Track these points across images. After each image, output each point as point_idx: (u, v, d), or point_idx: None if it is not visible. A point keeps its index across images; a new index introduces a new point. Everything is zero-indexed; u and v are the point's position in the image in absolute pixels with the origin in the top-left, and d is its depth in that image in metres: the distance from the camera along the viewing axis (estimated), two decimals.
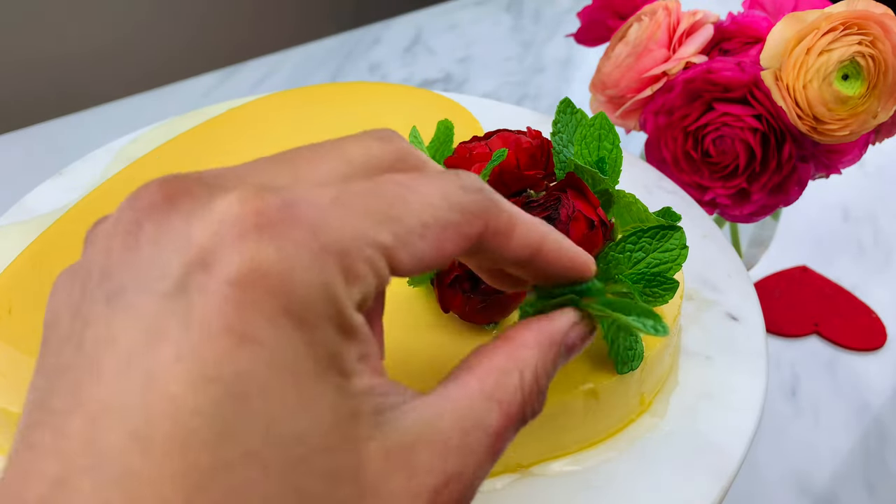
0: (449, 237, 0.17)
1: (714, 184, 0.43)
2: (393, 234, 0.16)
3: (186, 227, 0.15)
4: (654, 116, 0.43)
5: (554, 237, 0.20)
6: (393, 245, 0.16)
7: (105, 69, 1.12)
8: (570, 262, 0.20)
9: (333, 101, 0.45)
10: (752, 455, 0.45)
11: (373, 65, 0.85)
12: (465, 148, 0.33)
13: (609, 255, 0.28)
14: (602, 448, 0.28)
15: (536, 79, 0.84)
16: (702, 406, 0.29)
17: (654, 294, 0.28)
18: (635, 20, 0.46)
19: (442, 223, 0.17)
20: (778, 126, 0.41)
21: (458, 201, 0.17)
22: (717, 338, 0.32)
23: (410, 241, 0.16)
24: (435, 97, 0.45)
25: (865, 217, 0.65)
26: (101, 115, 0.74)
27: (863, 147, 0.42)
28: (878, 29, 0.37)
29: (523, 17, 0.97)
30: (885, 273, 0.59)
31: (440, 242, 0.17)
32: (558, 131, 0.32)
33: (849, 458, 0.46)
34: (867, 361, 0.51)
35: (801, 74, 0.38)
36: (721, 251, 0.37)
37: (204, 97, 0.78)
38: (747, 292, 0.35)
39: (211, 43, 1.22)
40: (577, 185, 0.29)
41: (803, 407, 0.49)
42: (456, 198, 0.17)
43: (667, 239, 0.28)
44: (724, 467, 0.27)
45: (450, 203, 0.17)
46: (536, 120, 0.46)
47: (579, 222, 0.28)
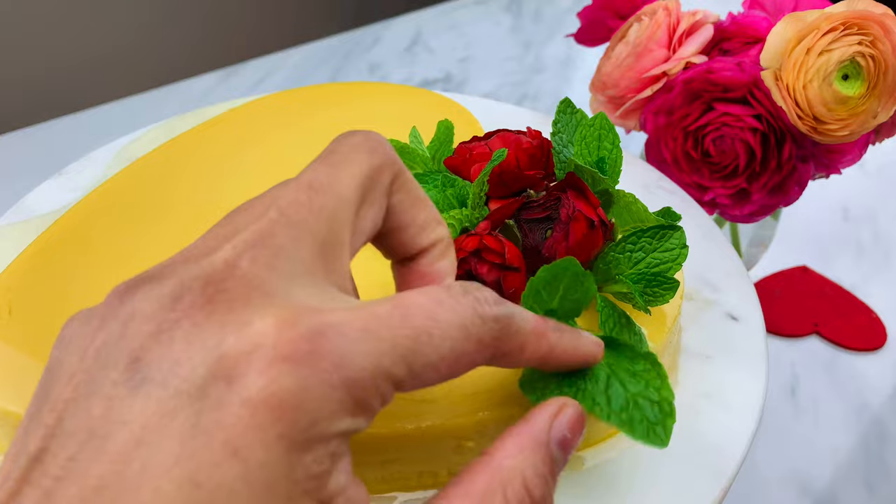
0: (460, 366, 0.18)
1: (714, 184, 0.43)
2: (408, 369, 0.17)
3: (220, 338, 0.15)
4: (654, 116, 0.43)
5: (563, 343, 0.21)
6: (406, 377, 0.17)
7: (105, 69, 1.12)
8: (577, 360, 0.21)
9: (333, 101, 0.45)
10: (752, 455, 0.45)
11: (373, 65, 0.85)
12: (465, 148, 0.33)
13: (609, 255, 0.28)
14: (602, 448, 0.28)
15: (536, 79, 0.84)
16: (702, 406, 0.29)
17: (655, 294, 0.28)
18: (635, 20, 0.46)
19: (457, 355, 0.17)
20: (778, 126, 0.41)
21: (476, 333, 0.18)
22: (717, 338, 0.32)
23: (423, 373, 0.17)
24: (435, 97, 0.45)
25: (865, 217, 0.65)
26: (101, 115, 0.74)
27: (863, 147, 0.42)
28: (878, 29, 0.37)
29: (523, 17, 0.97)
30: (885, 273, 0.59)
31: (451, 371, 0.18)
32: (558, 131, 0.32)
33: (849, 458, 0.46)
34: (867, 361, 0.51)
35: (801, 74, 0.38)
36: (721, 251, 0.37)
37: (204, 97, 0.78)
38: (747, 292, 0.35)
39: (211, 43, 1.22)
40: (577, 185, 0.29)
41: (803, 407, 0.49)
42: (474, 329, 0.18)
43: (667, 239, 0.28)
44: (724, 467, 0.27)
45: (467, 335, 0.18)
46: (536, 120, 0.46)
47: (579, 222, 0.28)
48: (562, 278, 0.23)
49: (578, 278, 0.23)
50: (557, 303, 0.23)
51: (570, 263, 0.23)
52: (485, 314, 0.18)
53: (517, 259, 0.28)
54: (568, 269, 0.23)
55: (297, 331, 0.16)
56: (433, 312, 0.17)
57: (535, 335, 0.20)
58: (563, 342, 0.21)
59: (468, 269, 0.27)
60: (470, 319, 0.18)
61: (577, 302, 0.23)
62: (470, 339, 0.18)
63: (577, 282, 0.23)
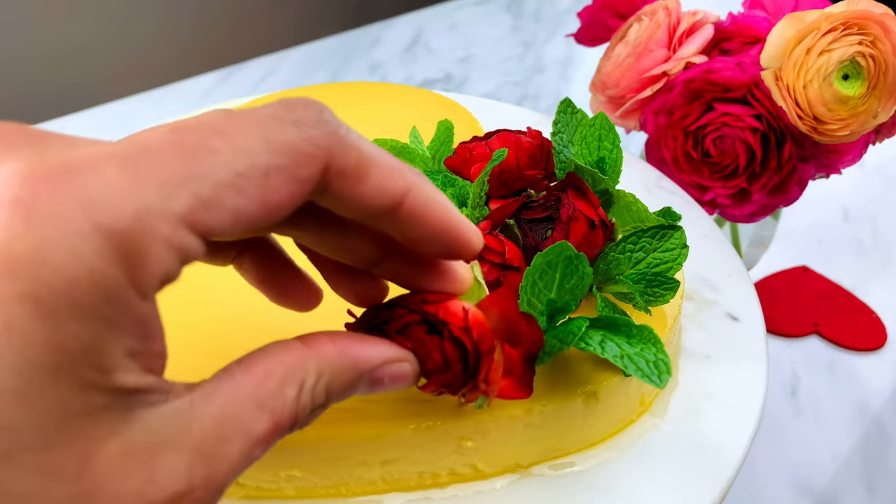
0: (276, 185, 0.15)
1: (714, 184, 0.43)
2: (193, 197, 0.14)
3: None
4: (654, 116, 0.43)
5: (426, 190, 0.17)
6: (193, 210, 0.14)
7: (105, 69, 1.12)
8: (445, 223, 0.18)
9: (333, 101, 0.45)
10: (752, 455, 0.45)
11: (373, 65, 0.85)
12: (465, 148, 0.33)
13: (609, 255, 0.28)
14: (602, 448, 0.28)
15: (536, 79, 0.84)
16: (702, 406, 0.29)
17: (655, 294, 0.28)
18: (635, 20, 0.46)
19: (262, 170, 0.15)
20: (778, 126, 0.41)
21: (286, 140, 0.15)
22: (717, 338, 0.32)
23: (222, 199, 0.14)
24: (435, 97, 0.45)
25: (865, 217, 0.65)
26: (102, 115, 0.74)
27: (863, 147, 0.42)
28: (879, 29, 0.37)
29: (523, 17, 0.97)
30: (885, 273, 0.59)
31: (264, 192, 0.15)
32: (558, 131, 0.32)
33: (849, 458, 0.46)
34: (867, 361, 0.51)
35: (802, 74, 0.38)
36: (721, 251, 0.37)
37: (204, 97, 0.78)
38: (747, 292, 0.35)
39: (211, 43, 1.22)
40: (577, 185, 0.29)
41: (803, 407, 0.49)
42: (283, 136, 0.15)
43: (667, 239, 0.28)
44: (724, 467, 0.27)
45: (274, 145, 0.15)
46: (536, 120, 0.46)
47: (580, 222, 0.28)
48: (556, 264, 0.23)
49: (573, 262, 0.23)
50: (555, 292, 0.23)
51: (563, 247, 0.23)
52: (298, 118, 0.15)
53: (517, 258, 0.28)
54: (562, 254, 0.23)
55: (40, 171, 0.13)
56: (221, 126, 0.15)
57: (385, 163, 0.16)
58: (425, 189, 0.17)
59: None
60: (277, 127, 0.15)
61: (575, 288, 0.23)
62: (279, 151, 0.15)
63: (572, 266, 0.23)
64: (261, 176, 0.15)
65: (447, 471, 0.26)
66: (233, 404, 0.16)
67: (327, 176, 0.16)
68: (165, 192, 0.14)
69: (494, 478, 0.26)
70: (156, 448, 0.14)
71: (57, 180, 0.13)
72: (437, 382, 0.20)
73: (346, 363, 0.18)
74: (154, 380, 0.15)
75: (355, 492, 0.25)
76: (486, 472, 0.26)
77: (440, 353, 0.19)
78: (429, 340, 0.19)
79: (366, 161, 0.16)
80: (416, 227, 0.17)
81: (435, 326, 0.19)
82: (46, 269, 0.13)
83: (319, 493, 0.25)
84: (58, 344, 0.13)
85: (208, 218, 0.14)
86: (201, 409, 0.15)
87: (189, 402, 0.15)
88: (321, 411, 0.17)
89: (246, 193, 0.14)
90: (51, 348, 0.13)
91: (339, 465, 0.25)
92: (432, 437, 0.25)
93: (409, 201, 0.17)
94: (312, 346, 0.17)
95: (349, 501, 0.25)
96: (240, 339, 0.27)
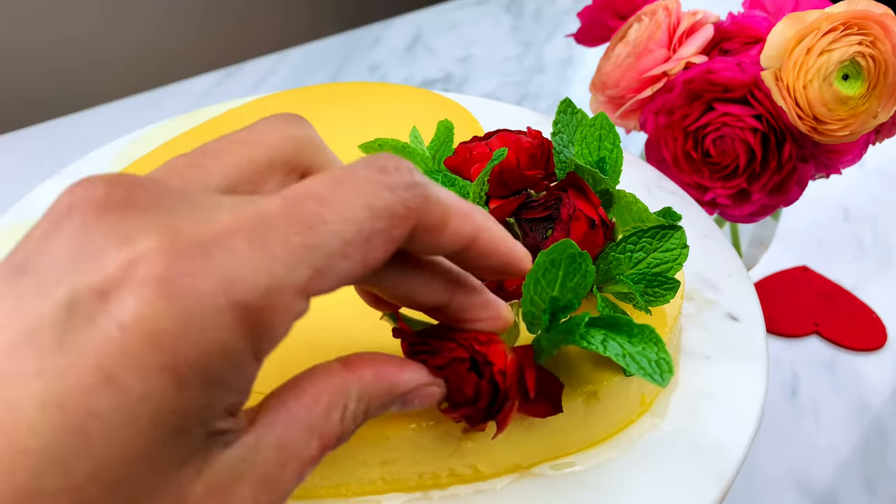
0: (375, 247, 0.16)
1: (714, 184, 0.43)
2: (311, 268, 0.15)
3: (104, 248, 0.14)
4: (654, 116, 0.43)
5: (490, 227, 0.19)
6: (311, 280, 0.15)
7: (105, 69, 1.12)
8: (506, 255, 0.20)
9: (333, 101, 0.45)
10: (752, 455, 0.45)
11: (373, 65, 0.85)
12: (465, 148, 0.33)
13: (610, 255, 0.28)
14: (602, 448, 0.28)
15: (536, 79, 0.84)
16: (702, 406, 0.29)
17: (655, 294, 0.28)
18: (635, 20, 0.46)
19: (365, 236, 0.16)
20: (778, 126, 0.41)
21: (384, 205, 0.16)
22: (717, 338, 0.32)
23: (332, 266, 0.15)
24: (435, 97, 0.45)
25: (865, 217, 0.65)
26: (101, 115, 0.74)
27: (863, 147, 0.42)
28: (879, 29, 0.37)
29: (523, 17, 0.97)
30: (885, 273, 0.59)
31: (365, 255, 0.16)
32: (559, 131, 0.32)
33: (849, 458, 0.46)
34: (867, 361, 0.51)
35: (802, 74, 0.38)
36: (721, 251, 0.37)
37: (204, 97, 0.78)
38: (747, 292, 0.35)
39: (211, 43, 1.22)
40: (577, 185, 0.29)
41: (803, 407, 0.49)
42: (382, 202, 0.16)
43: (667, 239, 0.28)
44: (724, 467, 0.27)
45: (374, 211, 0.16)
46: (536, 120, 0.46)
47: (580, 222, 0.28)
48: (560, 262, 0.23)
49: (576, 260, 0.23)
50: (558, 290, 0.23)
51: (566, 245, 0.23)
52: (394, 183, 0.16)
53: None
54: (565, 252, 0.23)
55: (180, 247, 0.14)
56: (326, 196, 0.16)
57: (460, 210, 0.18)
58: (490, 225, 0.19)
59: None
60: (376, 193, 0.16)
61: (578, 286, 0.23)
62: (379, 216, 0.16)
63: (575, 263, 0.23)
64: (364, 241, 0.16)
65: (447, 471, 0.26)
66: (289, 432, 0.17)
67: (415, 231, 0.17)
68: (288, 266, 0.15)
69: (494, 478, 0.26)
70: (231, 483, 0.16)
71: (196, 258, 0.14)
72: (461, 413, 0.22)
73: (384, 387, 0.19)
74: (234, 422, 0.16)
75: (355, 492, 0.25)
76: (486, 473, 0.26)
77: (474, 389, 0.21)
78: (467, 376, 0.21)
79: (447, 214, 0.18)
80: (483, 260, 0.19)
81: (477, 365, 0.21)
82: (185, 343, 0.14)
83: (319, 494, 0.25)
84: (185, 410, 0.14)
85: (321, 284, 0.16)
86: (264, 441, 0.16)
87: (255, 437, 0.16)
88: (355, 430, 0.19)
89: (351, 258, 0.16)
90: (178, 413, 0.14)
91: (339, 465, 0.25)
92: (433, 437, 0.25)
93: (478, 242, 0.19)
94: (353, 371, 0.18)
95: (349, 501, 0.25)
96: None
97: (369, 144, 0.35)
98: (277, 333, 0.15)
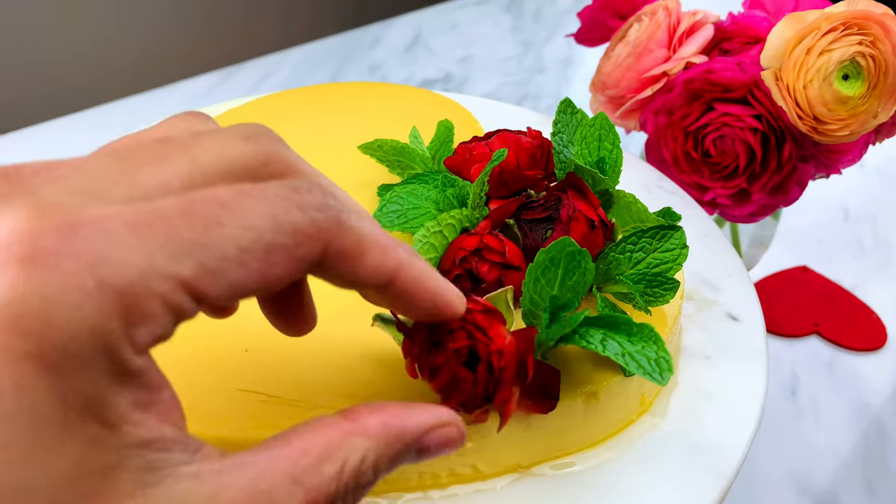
0: (276, 262, 0.15)
1: (714, 184, 0.43)
2: (198, 265, 0.14)
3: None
4: (654, 116, 0.43)
5: (417, 266, 0.18)
6: (196, 277, 0.14)
7: (105, 69, 1.12)
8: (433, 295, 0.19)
9: (333, 101, 0.45)
10: (752, 455, 0.45)
11: (373, 65, 0.85)
12: (465, 148, 0.33)
13: (609, 255, 0.28)
14: (602, 448, 0.28)
15: (536, 79, 0.84)
16: (702, 406, 0.29)
17: (655, 294, 0.28)
18: (635, 20, 0.46)
19: (265, 247, 0.15)
20: (778, 126, 0.41)
21: (290, 220, 0.15)
22: (717, 338, 0.32)
23: (223, 269, 0.15)
24: (435, 97, 0.45)
25: (865, 217, 0.65)
26: (102, 115, 0.74)
27: (863, 147, 0.42)
28: (879, 29, 0.37)
29: (523, 17, 0.97)
30: (885, 273, 0.59)
31: (264, 268, 0.15)
32: (558, 131, 0.32)
33: (849, 458, 0.46)
34: (867, 361, 0.51)
35: (802, 74, 0.38)
36: (721, 251, 0.37)
37: (204, 97, 0.78)
38: (747, 292, 0.35)
39: (211, 43, 1.22)
40: (577, 185, 0.29)
41: (803, 407, 0.49)
42: (288, 217, 0.15)
43: (667, 239, 0.28)
44: (724, 467, 0.27)
45: (278, 224, 0.15)
46: (536, 120, 0.46)
47: (580, 222, 0.28)
48: (559, 260, 0.23)
49: (576, 258, 0.23)
50: (558, 288, 0.23)
51: (565, 243, 0.23)
52: (304, 201, 0.16)
53: (518, 258, 0.28)
54: (564, 250, 0.23)
55: (45, 226, 0.13)
56: (231, 201, 0.15)
57: (379, 244, 0.17)
58: (415, 264, 0.18)
59: (469, 268, 0.27)
60: (283, 206, 0.15)
61: (577, 285, 0.23)
62: (282, 230, 0.15)
63: (574, 262, 0.23)
64: (263, 252, 0.15)
65: (447, 471, 0.26)
66: (267, 478, 0.15)
67: (325, 255, 0.16)
68: (171, 256, 0.14)
69: (494, 478, 0.26)
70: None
71: (63, 236, 0.13)
72: (457, 400, 0.21)
73: (391, 435, 0.17)
74: (174, 432, 0.15)
75: None
76: (486, 473, 0.26)
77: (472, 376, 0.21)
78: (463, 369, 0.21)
79: (362, 243, 0.17)
80: (407, 299, 0.18)
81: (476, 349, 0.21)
82: (50, 327, 0.13)
83: None
84: (62, 399, 0.13)
85: (208, 285, 0.15)
86: (230, 479, 0.15)
87: (218, 469, 0.15)
88: (370, 488, 0.17)
89: (248, 267, 0.15)
90: (56, 404, 0.13)
91: None
92: None
93: (400, 279, 0.18)
94: (354, 421, 0.17)
95: None
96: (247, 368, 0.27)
97: (369, 144, 0.35)
98: (154, 323, 0.14)
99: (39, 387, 0.13)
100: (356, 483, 0.16)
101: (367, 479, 0.17)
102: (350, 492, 0.16)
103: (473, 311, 0.21)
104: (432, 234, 0.28)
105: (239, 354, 0.26)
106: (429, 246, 0.28)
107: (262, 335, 0.24)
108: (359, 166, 0.36)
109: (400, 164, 0.35)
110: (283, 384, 0.25)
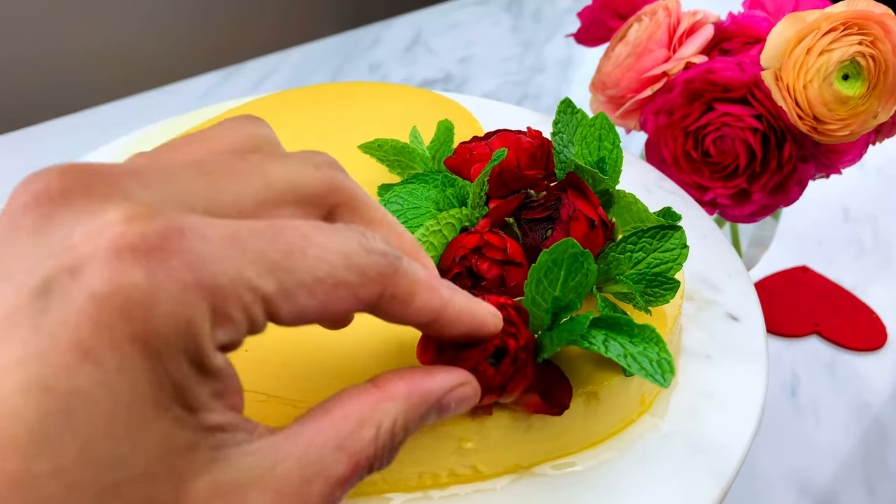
0: (339, 297, 0.17)
1: (714, 184, 0.43)
2: (278, 284, 0.16)
3: (70, 230, 0.14)
4: (654, 116, 0.43)
5: (456, 302, 0.20)
6: (274, 295, 0.16)
7: (105, 69, 1.12)
8: (471, 324, 0.20)
9: (333, 101, 0.45)
10: (752, 455, 0.45)
11: (373, 65, 0.85)
12: (465, 148, 0.33)
13: (609, 255, 0.28)
14: (602, 448, 0.28)
15: (536, 79, 0.84)
16: (702, 406, 0.29)
17: (655, 294, 0.28)
18: (635, 20, 0.46)
19: (334, 282, 0.17)
20: (778, 126, 0.41)
21: (359, 262, 0.17)
22: (717, 338, 0.32)
23: (296, 294, 0.16)
24: (435, 97, 0.45)
25: (865, 217, 0.65)
26: (101, 115, 0.74)
27: (863, 147, 0.42)
28: (879, 29, 0.37)
29: (523, 17, 0.97)
30: (885, 273, 0.59)
31: (328, 300, 0.17)
32: (559, 131, 0.32)
33: (849, 458, 0.46)
34: (867, 361, 0.51)
35: (802, 74, 0.38)
36: (721, 251, 0.37)
37: (204, 97, 0.78)
38: (747, 292, 0.35)
39: (211, 43, 1.22)
40: (577, 185, 0.29)
41: (803, 407, 0.49)
42: (357, 258, 0.17)
43: (667, 239, 0.28)
44: (724, 467, 0.27)
45: (348, 262, 0.17)
46: (536, 120, 0.46)
47: (580, 222, 0.28)
48: (562, 261, 0.23)
49: (578, 259, 0.23)
50: (560, 289, 0.23)
51: (568, 244, 0.23)
52: (370, 246, 0.17)
53: (519, 254, 0.28)
54: (567, 251, 0.23)
55: (152, 225, 0.14)
56: (310, 234, 0.16)
57: (427, 285, 0.19)
58: (456, 300, 0.20)
59: (469, 265, 0.27)
60: (353, 248, 0.17)
61: (580, 286, 0.23)
62: (351, 268, 0.17)
63: (577, 263, 0.23)
64: (332, 286, 0.17)
65: (447, 471, 0.26)
66: (315, 447, 0.17)
67: (381, 298, 0.18)
68: (259, 272, 0.15)
69: (494, 478, 0.26)
70: (242, 488, 0.15)
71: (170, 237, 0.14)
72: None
73: (417, 398, 0.19)
74: (237, 417, 0.16)
75: (355, 491, 0.25)
76: (486, 473, 0.26)
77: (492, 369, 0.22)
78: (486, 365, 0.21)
79: (414, 287, 0.18)
80: (450, 330, 0.20)
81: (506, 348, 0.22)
82: (153, 316, 0.14)
83: None
84: (158, 382, 0.14)
85: (282, 306, 0.16)
86: (286, 451, 0.16)
87: (273, 443, 0.16)
88: (401, 447, 0.19)
89: (316, 297, 0.16)
90: (152, 386, 0.14)
91: None
92: (433, 437, 0.25)
93: (445, 315, 0.20)
94: (383, 388, 0.19)
95: (349, 501, 0.25)
96: None
97: (369, 144, 0.35)
98: (233, 328, 0.15)
99: (139, 368, 0.14)
100: (391, 444, 0.18)
101: (399, 439, 0.18)
102: (386, 452, 0.18)
103: (507, 306, 0.22)
104: (431, 232, 0.28)
105: (239, 354, 0.26)
106: (428, 245, 0.28)
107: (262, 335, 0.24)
108: (359, 166, 0.36)
109: (400, 164, 0.35)
110: (283, 384, 0.25)
